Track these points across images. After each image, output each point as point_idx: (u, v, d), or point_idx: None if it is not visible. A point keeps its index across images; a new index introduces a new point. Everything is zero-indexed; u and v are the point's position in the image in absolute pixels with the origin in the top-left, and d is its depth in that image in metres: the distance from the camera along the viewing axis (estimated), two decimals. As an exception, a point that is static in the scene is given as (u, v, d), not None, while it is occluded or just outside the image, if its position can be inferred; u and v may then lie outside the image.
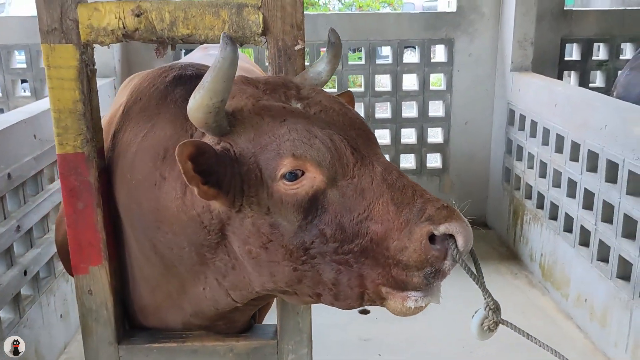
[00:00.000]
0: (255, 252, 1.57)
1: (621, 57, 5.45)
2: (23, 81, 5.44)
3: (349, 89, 1.73)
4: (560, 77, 5.39)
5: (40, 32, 1.79)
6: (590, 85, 5.51)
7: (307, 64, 1.89)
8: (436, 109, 5.44)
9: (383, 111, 5.63)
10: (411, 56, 10.07)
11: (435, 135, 5.52)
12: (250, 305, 1.91)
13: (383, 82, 6.33)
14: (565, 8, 5.33)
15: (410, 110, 5.50)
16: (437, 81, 6.38)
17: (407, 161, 5.90)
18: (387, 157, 4.36)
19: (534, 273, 4.52)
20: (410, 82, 5.47)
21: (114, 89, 4.81)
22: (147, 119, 1.89)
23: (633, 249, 3.21)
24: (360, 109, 5.25)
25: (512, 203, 4.98)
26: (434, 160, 5.65)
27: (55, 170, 3.59)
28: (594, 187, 3.60)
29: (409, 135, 5.54)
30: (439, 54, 5.52)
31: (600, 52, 5.52)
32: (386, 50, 5.44)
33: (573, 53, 5.52)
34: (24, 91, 5.50)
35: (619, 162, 3.31)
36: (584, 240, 3.76)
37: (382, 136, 5.49)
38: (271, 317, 2.25)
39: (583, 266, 3.72)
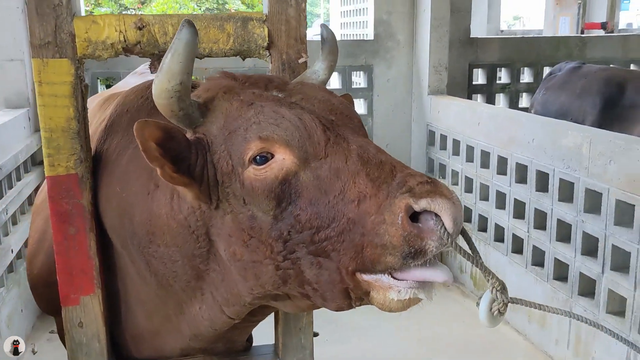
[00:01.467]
0: (239, 252, 1.47)
1: (521, 81, 5.93)
2: None
3: (347, 93, 1.72)
4: (470, 99, 5.77)
5: (32, 46, 1.68)
6: (496, 106, 5.94)
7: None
8: (359, 132, 5.60)
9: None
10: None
11: (358, 157, 5.66)
12: (248, 322, 1.85)
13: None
14: (471, 36, 5.73)
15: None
16: (358, 106, 6.58)
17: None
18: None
19: (466, 284, 4.73)
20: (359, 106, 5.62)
21: (28, 120, 4.52)
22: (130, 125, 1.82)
23: (568, 251, 3.47)
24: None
25: (436, 219, 5.19)
26: (357, 182, 5.78)
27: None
28: (525, 197, 3.86)
29: (333, 159, 5.64)
30: (359, 80, 5.71)
31: (503, 77, 5.97)
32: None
33: (479, 77, 5.93)
34: None
35: (549, 172, 3.58)
36: (517, 248, 4.01)
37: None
38: (267, 337, 2.20)
39: (517, 272, 3.95)
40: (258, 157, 1.40)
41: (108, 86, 5.06)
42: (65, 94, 1.72)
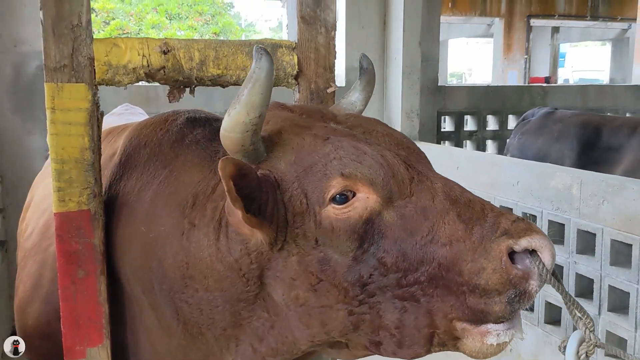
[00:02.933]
0: (303, 297, 1.35)
1: (487, 128, 6.05)
2: None
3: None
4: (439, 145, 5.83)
5: (46, 69, 1.53)
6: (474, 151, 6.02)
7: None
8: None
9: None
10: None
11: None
12: None
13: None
14: (439, 84, 5.84)
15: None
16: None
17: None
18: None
19: (446, 332, 4.63)
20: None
21: (-13, 164, 4.25)
22: (161, 165, 1.67)
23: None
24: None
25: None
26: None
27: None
28: (510, 240, 3.85)
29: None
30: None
31: (470, 124, 6.08)
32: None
33: (447, 124, 6.01)
34: None
35: (537, 214, 3.58)
36: (503, 292, 3.96)
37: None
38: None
39: (504, 317, 3.90)
40: (338, 195, 1.30)
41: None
42: (80, 122, 1.57)
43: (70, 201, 1.59)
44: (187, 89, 1.71)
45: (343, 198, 1.30)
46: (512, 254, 1.22)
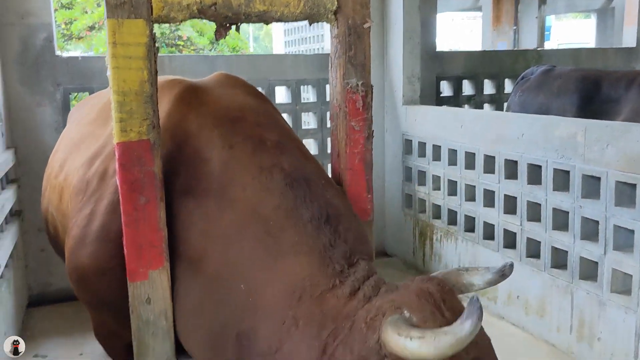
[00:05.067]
0: None
1: (485, 92, 6.18)
2: None
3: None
4: (439, 111, 5.95)
5: (107, 5, 1.63)
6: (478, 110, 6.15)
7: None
8: (333, 144, 5.66)
9: (282, 150, 5.70)
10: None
11: (333, 170, 5.71)
12: None
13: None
14: (437, 50, 5.95)
15: (309, 146, 5.64)
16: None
17: (306, 199, 6.00)
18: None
19: (453, 286, 4.79)
20: (308, 120, 5.65)
21: (1, 135, 4.31)
22: (264, 229, 1.74)
23: (567, 238, 3.60)
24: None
25: (417, 226, 5.28)
26: (333, 195, 5.81)
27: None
28: (516, 192, 4.00)
29: (310, 172, 5.65)
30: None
31: (467, 89, 6.20)
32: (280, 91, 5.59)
33: (445, 89, 6.13)
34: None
35: (542, 164, 3.73)
36: (509, 243, 4.12)
37: (286, 174, 5.54)
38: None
39: (511, 266, 4.06)
40: None
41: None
42: (139, 56, 1.67)
43: (131, 131, 1.70)
44: (233, 27, 1.81)
45: None
46: None
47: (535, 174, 3.84)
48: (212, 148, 1.88)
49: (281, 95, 5.60)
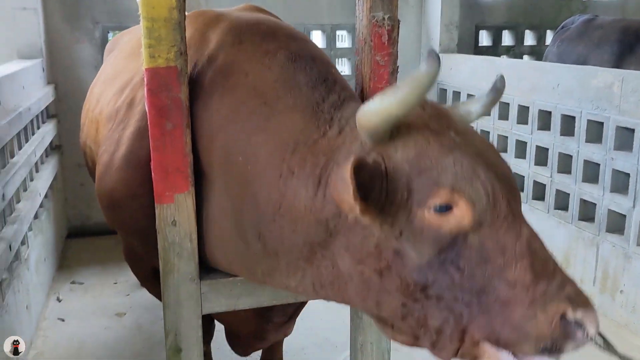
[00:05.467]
0: (368, 275, 1.47)
1: (525, 44, 6.03)
2: None
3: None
4: (476, 61, 5.85)
5: None
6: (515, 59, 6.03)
7: None
8: (368, 92, 5.64)
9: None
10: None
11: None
12: None
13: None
14: (477, -2, 5.82)
15: (343, 93, 5.64)
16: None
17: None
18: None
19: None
20: (342, 66, 5.62)
21: (42, 70, 4.43)
22: (261, 100, 1.76)
23: (596, 191, 3.57)
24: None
25: (447, 176, 5.28)
26: (366, 143, 5.83)
27: (15, 143, 3.25)
28: (548, 143, 3.96)
29: (343, 119, 5.67)
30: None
31: (507, 39, 6.06)
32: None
33: (484, 39, 6.01)
34: None
35: (576, 115, 3.67)
36: (538, 195, 4.10)
37: (318, 120, 5.57)
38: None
39: (538, 217, 4.04)
40: (439, 205, 1.37)
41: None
42: (168, -17, 1.70)
43: (159, 57, 1.75)
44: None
45: (443, 208, 1.36)
46: (563, 316, 1.31)
47: (568, 125, 3.78)
48: (222, 48, 1.89)
49: (317, 40, 5.58)
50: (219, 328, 2.59)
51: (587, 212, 3.69)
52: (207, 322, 2.41)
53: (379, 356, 2.21)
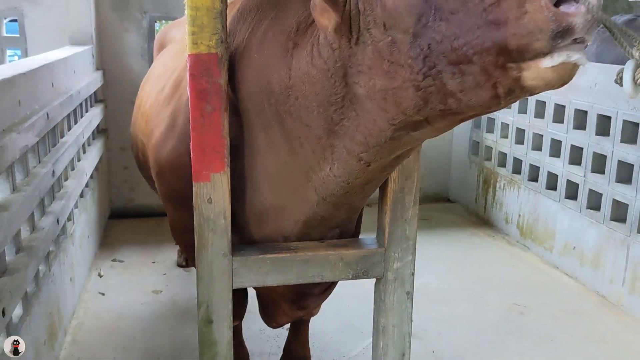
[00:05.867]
0: (379, 83, 1.51)
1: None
2: None
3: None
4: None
5: None
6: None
7: None
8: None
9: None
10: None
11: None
12: (376, 178, 1.88)
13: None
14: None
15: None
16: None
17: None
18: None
19: (511, 234, 4.83)
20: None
21: (92, 57, 4.63)
22: (271, 5, 1.94)
23: (629, 191, 3.57)
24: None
25: (481, 174, 5.30)
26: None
27: (65, 124, 3.44)
28: (583, 142, 3.96)
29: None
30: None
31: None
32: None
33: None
34: None
35: (612, 115, 3.67)
36: (571, 194, 4.10)
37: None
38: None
39: (570, 217, 4.05)
40: None
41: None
42: (212, -27, 1.82)
43: (201, 44, 1.87)
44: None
45: None
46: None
47: (604, 125, 3.78)
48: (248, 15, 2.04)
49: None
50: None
51: (619, 212, 3.69)
52: (242, 297, 2.53)
53: (400, 339, 2.29)
